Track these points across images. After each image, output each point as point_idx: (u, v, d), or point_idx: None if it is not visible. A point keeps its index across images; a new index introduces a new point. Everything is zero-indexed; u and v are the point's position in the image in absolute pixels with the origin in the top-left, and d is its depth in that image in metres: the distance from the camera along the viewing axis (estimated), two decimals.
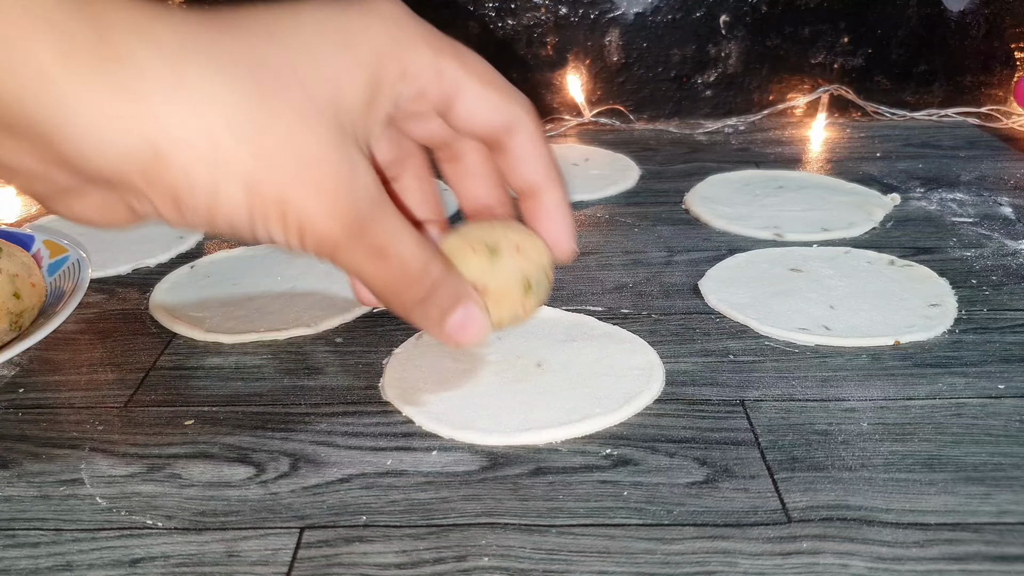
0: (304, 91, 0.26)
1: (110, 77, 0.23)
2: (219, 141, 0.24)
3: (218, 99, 0.24)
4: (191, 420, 0.37)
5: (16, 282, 0.41)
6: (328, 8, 0.27)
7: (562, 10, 0.75)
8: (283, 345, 0.43)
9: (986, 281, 0.48)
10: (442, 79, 0.30)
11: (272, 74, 0.25)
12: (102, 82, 0.22)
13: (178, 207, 0.25)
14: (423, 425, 0.36)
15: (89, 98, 0.22)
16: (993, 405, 0.37)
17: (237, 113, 0.24)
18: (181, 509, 0.32)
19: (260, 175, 0.25)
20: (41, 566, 0.29)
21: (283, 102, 0.25)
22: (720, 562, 0.29)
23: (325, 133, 0.26)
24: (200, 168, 0.24)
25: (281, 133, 0.25)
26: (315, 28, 0.27)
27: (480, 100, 0.30)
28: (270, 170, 0.25)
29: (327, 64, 0.26)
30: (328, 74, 0.26)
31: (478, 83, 0.30)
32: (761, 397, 0.38)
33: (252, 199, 0.25)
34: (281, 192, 0.25)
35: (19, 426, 0.37)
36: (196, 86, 0.24)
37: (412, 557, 0.29)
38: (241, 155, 0.24)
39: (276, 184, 0.25)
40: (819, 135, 0.74)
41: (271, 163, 0.25)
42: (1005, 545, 0.29)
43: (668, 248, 0.53)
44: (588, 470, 0.33)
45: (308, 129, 0.25)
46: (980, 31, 0.75)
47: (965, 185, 0.62)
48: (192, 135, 0.24)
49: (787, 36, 0.76)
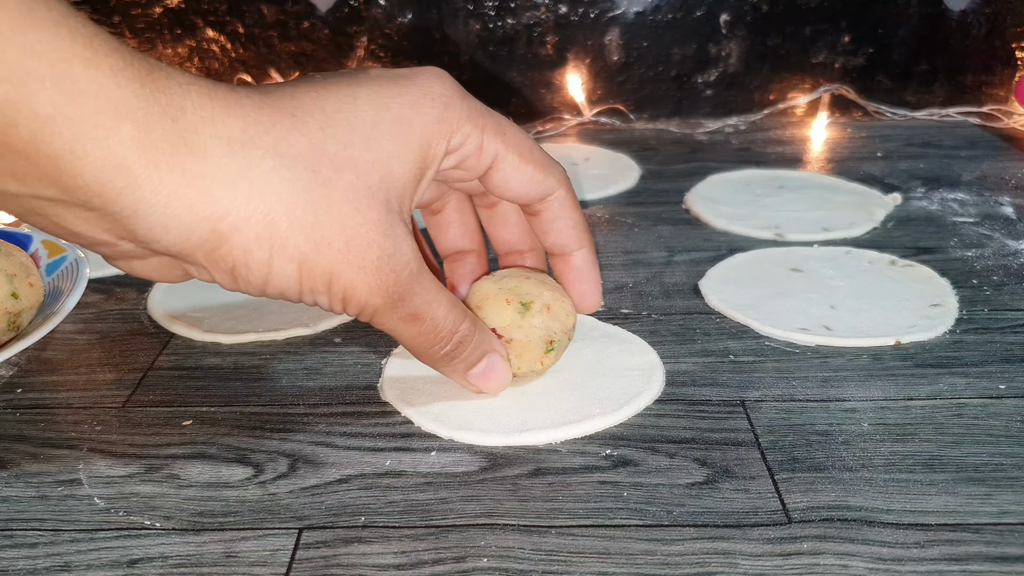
0: (357, 176, 0.28)
1: (182, 167, 0.24)
2: (277, 226, 0.26)
3: (277, 187, 0.26)
4: (189, 420, 0.37)
5: (14, 282, 0.41)
6: (384, 91, 0.29)
7: (562, 9, 0.74)
8: (282, 345, 0.43)
9: (987, 281, 0.48)
10: (483, 153, 0.32)
11: (329, 162, 0.27)
12: (175, 171, 0.24)
13: (234, 278, 0.28)
14: (422, 426, 0.36)
15: (162, 186, 0.24)
16: (994, 405, 0.37)
17: (293, 200, 0.26)
18: (179, 509, 0.32)
19: (312, 256, 0.27)
20: (39, 567, 0.29)
21: (336, 190, 0.27)
22: (720, 563, 0.29)
23: (374, 214, 0.28)
24: (257, 249, 0.26)
25: (333, 220, 0.27)
26: (372, 115, 0.29)
27: (517, 172, 0.33)
28: (321, 253, 0.27)
29: (380, 149, 0.29)
30: (381, 158, 0.28)
31: (517, 158, 0.33)
32: (761, 397, 0.38)
33: (303, 275, 0.28)
34: (329, 270, 0.28)
35: (17, 426, 0.37)
36: (257, 176, 0.26)
37: (411, 558, 0.29)
38: (296, 239, 0.27)
39: (326, 264, 0.28)
40: (820, 135, 0.74)
41: (322, 246, 0.27)
42: (1006, 545, 0.29)
43: (668, 248, 0.53)
44: (588, 471, 0.33)
45: (357, 212, 0.28)
46: (981, 31, 0.75)
47: (966, 185, 0.62)
48: (252, 220, 0.26)
49: (788, 35, 0.76)
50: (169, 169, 0.24)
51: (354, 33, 0.75)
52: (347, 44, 0.76)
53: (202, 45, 0.76)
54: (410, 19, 0.75)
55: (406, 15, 0.75)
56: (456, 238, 0.38)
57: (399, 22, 0.75)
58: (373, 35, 0.75)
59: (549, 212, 0.35)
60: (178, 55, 0.76)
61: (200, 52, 0.76)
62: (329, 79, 0.29)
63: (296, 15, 0.75)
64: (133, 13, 0.74)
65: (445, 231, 0.38)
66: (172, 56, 0.76)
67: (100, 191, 0.23)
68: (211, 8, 0.74)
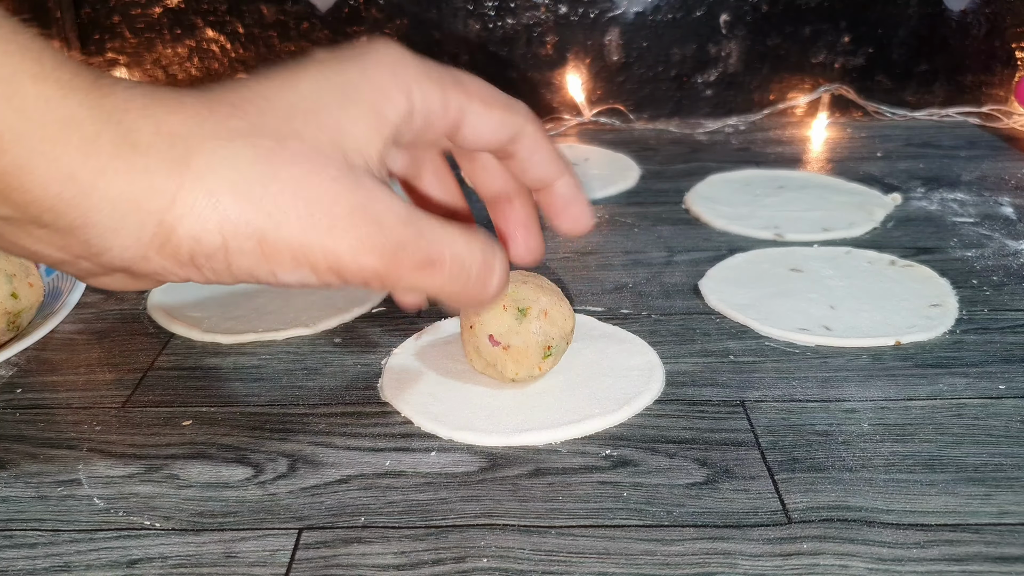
0: (303, 142, 0.27)
1: (126, 166, 0.24)
2: (224, 206, 0.25)
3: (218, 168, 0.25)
4: (189, 421, 0.37)
5: (14, 282, 0.41)
6: (328, 69, 0.28)
7: (562, 9, 0.74)
8: (281, 345, 0.43)
9: (987, 281, 0.48)
10: (448, 109, 0.31)
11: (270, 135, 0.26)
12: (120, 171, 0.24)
13: (198, 269, 0.26)
14: (422, 426, 0.36)
15: (108, 190, 0.24)
16: (994, 405, 0.37)
17: (236, 177, 0.25)
18: (179, 510, 0.32)
19: (270, 230, 0.26)
20: (39, 567, 0.29)
21: (281, 157, 0.26)
22: (720, 563, 0.29)
23: (332, 171, 0.27)
24: (207, 234, 0.25)
25: (284, 187, 0.26)
26: (314, 90, 0.28)
27: (485, 120, 0.31)
28: (278, 224, 0.26)
29: (328, 115, 0.27)
30: (329, 123, 0.27)
31: (481, 106, 0.31)
32: (761, 398, 0.38)
33: (266, 251, 0.26)
34: (296, 240, 0.26)
35: (17, 426, 0.37)
36: (197, 161, 0.25)
37: (411, 558, 0.29)
38: (247, 215, 0.26)
39: (288, 234, 0.26)
40: (820, 135, 0.74)
41: (277, 216, 0.26)
42: (1005, 546, 0.29)
43: (668, 248, 0.53)
44: (588, 471, 0.33)
45: (312, 173, 0.26)
46: (981, 31, 0.75)
47: (966, 185, 0.62)
48: (197, 205, 0.25)
49: (788, 35, 0.76)
50: (115, 170, 0.24)
51: (354, 33, 0.75)
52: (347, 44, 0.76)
53: (202, 45, 0.76)
54: (410, 19, 0.75)
55: (405, 15, 0.75)
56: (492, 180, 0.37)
57: (399, 22, 0.75)
58: (373, 35, 0.75)
59: (524, 150, 0.33)
60: (178, 55, 0.76)
61: (200, 52, 0.76)
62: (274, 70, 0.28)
63: (296, 15, 0.75)
64: (133, 13, 0.74)
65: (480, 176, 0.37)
66: (172, 56, 0.76)
67: (51, 205, 0.24)
68: (211, 8, 0.74)
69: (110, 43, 0.75)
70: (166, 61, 0.76)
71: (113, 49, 0.76)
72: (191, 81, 0.77)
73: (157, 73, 0.77)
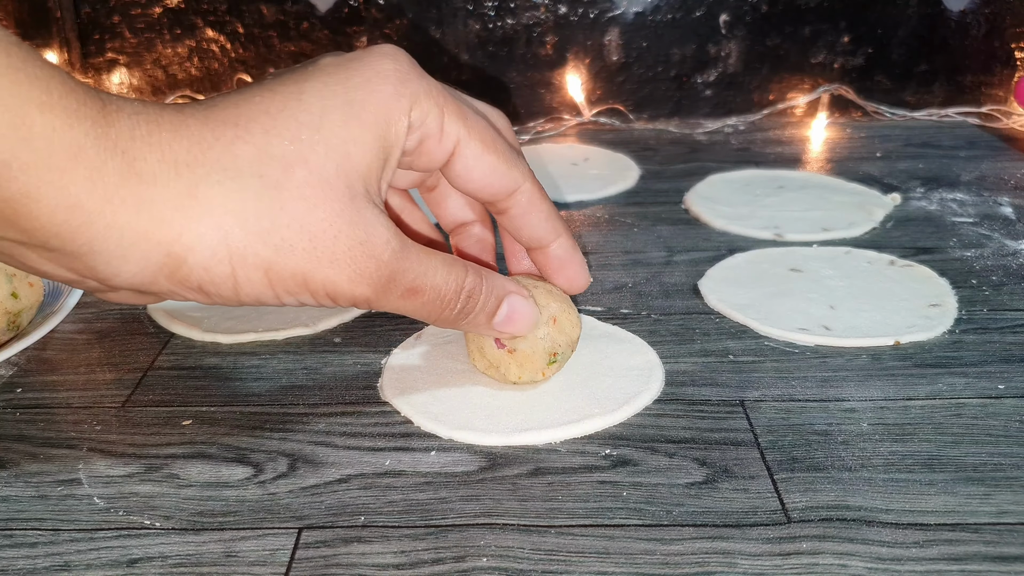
0: (309, 171, 0.27)
1: (133, 196, 0.25)
2: (232, 238, 0.26)
3: (226, 200, 0.26)
4: (189, 420, 0.37)
5: (14, 282, 0.41)
6: (332, 79, 0.29)
7: (562, 9, 0.74)
8: (281, 345, 0.43)
9: (986, 281, 0.48)
10: (444, 136, 0.31)
11: (277, 164, 0.27)
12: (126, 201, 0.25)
13: (206, 295, 0.27)
14: (422, 425, 0.36)
15: (115, 219, 0.25)
16: (993, 405, 0.37)
17: (243, 209, 0.26)
18: (179, 509, 0.32)
19: (276, 261, 0.27)
20: (39, 566, 0.29)
21: (288, 190, 0.27)
22: (719, 562, 0.29)
23: (336, 205, 0.28)
24: (217, 264, 0.26)
25: (290, 220, 0.27)
26: (319, 105, 0.28)
27: (480, 161, 0.32)
28: (284, 256, 0.27)
29: (333, 136, 0.28)
30: (335, 144, 0.28)
31: (479, 145, 0.31)
32: (761, 397, 0.38)
33: (272, 281, 0.27)
34: (299, 271, 0.27)
35: (17, 426, 0.37)
36: (204, 193, 0.26)
37: (411, 558, 0.29)
38: (255, 247, 0.27)
39: (293, 265, 0.27)
40: (819, 135, 0.74)
41: (284, 249, 0.27)
42: (1004, 545, 0.29)
43: (668, 248, 0.53)
44: (587, 470, 0.33)
45: (316, 208, 0.27)
46: (980, 31, 0.75)
47: (965, 185, 0.62)
48: (206, 237, 0.26)
49: (787, 35, 0.76)
50: (121, 200, 0.24)
51: (354, 33, 0.75)
52: (347, 44, 0.76)
53: (202, 45, 0.76)
54: (410, 19, 0.75)
55: (405, 15, 0.75)
56: (456, 210, 0.37)
57: (398, 22, 0.75)
58: (373, 35, 0.76)
59: (518, 207, 0.33)
60: (178, 55, 0.76)
61: (200, 52, 0.76)
62: (278, 78, 0.28)
63: (296, 15, 0.75)
64: (133, 13, 0.74)
65: (444, 206, 0.37)
66: (172, 56, 0.76)
67: (57, 231, 0.24)
68: (211, 8, 0.74)
69: (110, 43, 0.76)
70: (166, 61, 0.76)
71: (113, 49, 0.76)
72: (191, 81, 0.77)
73: (157, 73, 0.77)
